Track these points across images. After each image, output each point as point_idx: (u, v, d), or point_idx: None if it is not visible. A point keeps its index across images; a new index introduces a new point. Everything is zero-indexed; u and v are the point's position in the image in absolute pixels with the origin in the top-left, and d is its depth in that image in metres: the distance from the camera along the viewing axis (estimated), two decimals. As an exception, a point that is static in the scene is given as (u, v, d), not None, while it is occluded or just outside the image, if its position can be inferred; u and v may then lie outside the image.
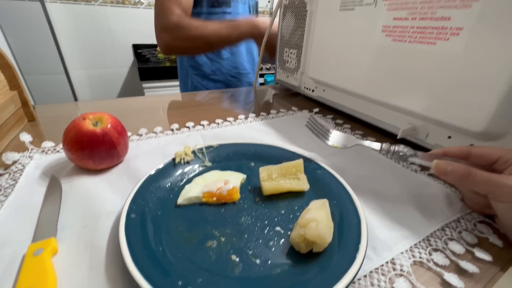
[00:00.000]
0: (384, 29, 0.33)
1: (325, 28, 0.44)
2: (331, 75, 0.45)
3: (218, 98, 0.56)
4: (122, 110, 0.46)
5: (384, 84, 0.36)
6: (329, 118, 0.47)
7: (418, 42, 0.30)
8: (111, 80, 1.78)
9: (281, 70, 0.61)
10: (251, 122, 0.43)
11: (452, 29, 0.26)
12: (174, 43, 0.61)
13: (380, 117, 0.39)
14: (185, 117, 0.44)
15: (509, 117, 0.25)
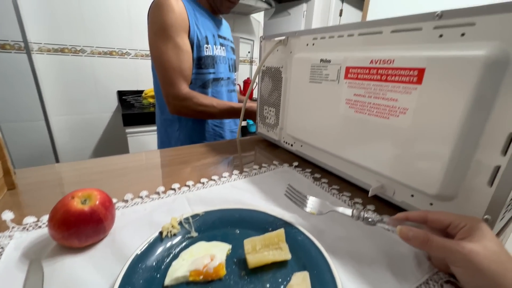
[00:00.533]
0: (347, 101, 0.39)
1: (298, 94, 0.50)
2: (306, 134, 0.50)
3: (202, 153, 0.59)
4: (107, 171, 0.47)
5: (351, 147, 0.40)
6: (307, 172, 0.50)
7: (375, 116, 0.35)
8: (93, 125, 1.78)
9: (262, 125, 0.66)
10: (235, 180, 0.45)
11: (400, 108, 0.32)
12: (182, 110, 0.73)
13: (353, 174, 0.43)
14: (170, 178, 0.45)
15: (455, 182, 0.29)
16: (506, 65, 0.24)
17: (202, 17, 0.76)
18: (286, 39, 0.52)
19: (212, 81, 0.79)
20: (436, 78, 0.28)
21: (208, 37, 0.76)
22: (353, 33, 0.38)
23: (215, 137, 0.87)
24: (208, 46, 0.75)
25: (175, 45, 0.69)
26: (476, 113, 0.26)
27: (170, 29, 0.68)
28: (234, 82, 0.92)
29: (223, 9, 0.79)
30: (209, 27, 0.77)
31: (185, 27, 0.70)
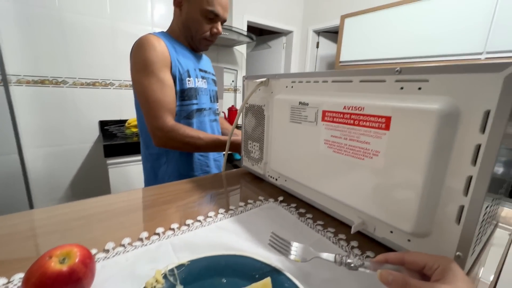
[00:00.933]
0: (325, 142, 0.42)
1: (280, 132, 0.52)
2: (289, 170, 0.52)
3: (186, 190, 0.58)
4: (87, 216, 0.45)
5: (332, 184, 0.42)
6: (292, 207, 0.51)
7: (352, 156, 0.38)
8: (72, 157, 1.71)
9: (247, 158, 0.67)
10: (221, 220, 0.45)
11: (373, 151, 0.35)
12: (168, 142, 0.73)
13: (336, 210, 0.44)
14: (154, 221, 0.44)
15: (428, 221, 0.31)
16: (457, 117, 0.28)
17: (182, 53, 0.80)
18: (267, 81, 0.55)
19: (195, 111, 0.81)
20: (401, 126, 0.32)
21: (190, 71, 0.79)
22: (327, 79, 0.42)
23: (201, 167, 0.87)
24: (190, 79, 0.79)
25: (158, 80, 0.72)
26: (437, 158, 0.29)
27: (152, 66, 0.71)
28: (216, 112, 0.95)
29: (202, 47, 0.84)
30: (189, 62, 0.81)
31: (167, 63, 0.74)
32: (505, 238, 0.46)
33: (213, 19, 0.77)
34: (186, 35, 0.81)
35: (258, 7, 2.43)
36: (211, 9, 0.74)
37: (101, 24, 1.65)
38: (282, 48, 2.86)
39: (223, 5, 0.77)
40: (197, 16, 0.76)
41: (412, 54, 1.65)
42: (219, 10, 0.76)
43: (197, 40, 0.81)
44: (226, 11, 0.79)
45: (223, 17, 0.78)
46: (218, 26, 0.79)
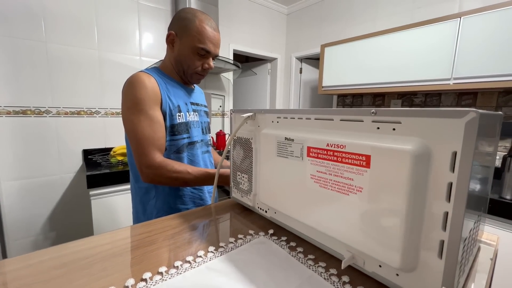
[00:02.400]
0: (311, 177, 0.43)
1: (268, 165, 0.54)
2: (278, 203, 0.52)
3: (174, 226, 0.57)
4: (67, 263, 0.42)
5: (320, 218, 0.43)
6: (283, 240, 0.51)
7: (337, 191, 0.39)
8: (51, 188, 1.63)
9: (236, 190, 0.67)
10: (211, 259, 0.44)
11: (356, 187, 0.36)
12: (156, 178, 0.74)
13: (326, 243, 0.45)
14: (140, 265, 0.42)
15: (413, 255, 0.32)
16: (429, 157, 0.30)
17: (173, 89, 0.82)
18: (253, 115, 0.58)
19: (187, 145, 0.82)
20: (380, 164, 0.34)
21: (181, 106, 0.81)
22: (310, 117, 0.45)
23: (194, 200, 0.85)
24: (181, 114, 0.81)
25: (148, 117, 0.73)
26: (415, 195, 0.31)
27: (142, 103, 0.72)
28: (208, 143, 0.96)
29: (194, 81, 0.87)
30: (180, 97, 0.83)
31: (157, 100, 0.75)
32: (487, 264, 0.48)
33: (205, 55, 0.80)
34: (178, 70, 0.83)
35: (243, 37, 2.56)
36: (203, 47, 0.77)
37: (88, 55, 1.67)
38: (268, 74, 2.99)
39: (214, 42, 0.80)
40: (189, 53, 0.79)
41: (387, 80, 1.77)
42: (210, 47, 0.79)
43: (189, 75, 0.83)
44: (217, 47, 0.81)
45: (214, 53, 0.81)
46: (210, 62, 0.82)
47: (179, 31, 0.79)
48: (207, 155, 0.93)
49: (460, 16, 1.41)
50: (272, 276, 0.40)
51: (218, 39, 0.81)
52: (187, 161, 0.82)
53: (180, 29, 0.79)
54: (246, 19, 2.56)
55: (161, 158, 0.74)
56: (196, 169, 0.76)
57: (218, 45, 0.82)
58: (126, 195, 1.51)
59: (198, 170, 0.76)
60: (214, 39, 0.79)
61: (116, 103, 1.82)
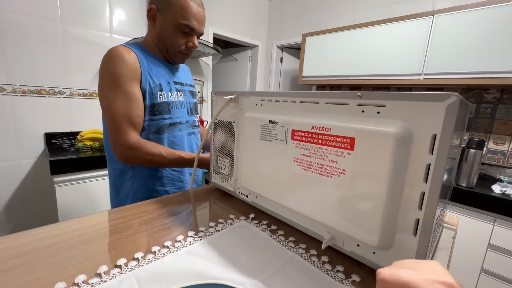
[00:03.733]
0: (295, 160, 0.43)
1: (251, 149, 0.53)
2: (260, 187, 0.52)
3: (151, 212, 0.54)
4: (30, 251, 0.38)
5: (302, 201, 0.43)
6: (264, 224, 0.51)
7: (320, 174, 0.39)
8: (8, 176, 1.47)
9: (216, 175, 0.65)
10: (191, 244, 0.43)
11: (340, 169, 0.37)
12: (129, 159, 0.71)
13: (306, 225, 0.45)
14: (113, 251, 0.40)
15: (390, 234, 0.34)
16: (410, 140, 0.31)
17: (155, 66, 0.77)
18: (236, 98, 0.56)
19: (168, 126, 0.78)
20: (364, 146, 0.34)
21: (162, 85, 0.77)
22: (295, 100, 0.44)
23: (174, 182, 0.82)
24: (162, 93, 0.76)
25: (125, 94, 0.68)
26: (396, 176, 0.32)
27: (120, 79, 0.68)
28: (195, 124, 0.90)
29: (177, 60, 0.81)
30: (163, 75, 0.78)
31: (136, 76, 0.70)
32: (449, 241, 0.52)
33: (188, 32, 0.75)
34: (161, 48, 0.78)
35: (224, 21, 2.47)
36: (186, 23, 0.72)
37: (50, 27, 1.50)
38: (248, 61, 2.93)
39: (199, 18, 0.75)
40: (172, 30, 0.74)
41: (364, 73, 1.83)
42: (194, 24, 0.74)
43: (172, 54, 0.78)
44: (202, 24, 0.77)
45: (199, 31, 0.77)
46: (194, 40, 0.77)
47: (160, 6, 0.73)
48: (193, 137, 0.89)
49: (434, 14, 1.48)
50: (254, 259, 0.40)
51: (203, 16, 0.76)
52: (167, 142, 0.78)
53: (162, 3, 0.73)
54: (228, 3, 2.46)
55: (135, 138, 0.70)
56: (171, 152, 0.73)
57: (203, 22, 0.77)
58: (96, 182, 1.42)
59: (173, 154, 0.73)
60: (198, 16, 0.74)
61: (83, 83, 1.66)
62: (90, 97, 1.71)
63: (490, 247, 1.23)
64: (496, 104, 1.59)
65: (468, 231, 1.27)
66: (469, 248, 1.28)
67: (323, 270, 0.38)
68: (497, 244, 1.21)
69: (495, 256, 1.22)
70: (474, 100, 1.66)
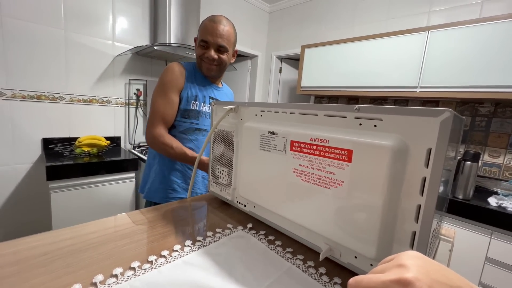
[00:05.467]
0: (294, 170, 0.43)
1: (250, 158, 0.53)
2: (258, 197, 0.52)
3: (149, 220, 0.54)
4: (22, 260, 0.38)
5: (300, 211, 0.44)
6: (262, 234, 0.51)
7: (318, 185, 0.40)
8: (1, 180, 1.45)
9: (214, 184, 0.65)
10: (188, 253, 0.42)
11: (337, 181, 0.37)
12: (150, 144, 0.92)
13: (304, 236, 0.45)
14: (109, 260, 0.39)
15: (387, 246, 0.34)
16: (406, 153, 0.32)
17: (200, 82, 0.96)
18: (236, 108, 0.56)
19: (194, 130, 0.95)
20: (361, 158, 0.35)
21: (198, 96, 0.94)
22: (294, 111, 0.45)
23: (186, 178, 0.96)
24: (196, 102, 0.93)
25: (165, 97, 0.89)
26: (392, 188, 0.33)
27: (164, 86, 0.89)
28: None
29: (205, 71, 0.95)
30: (202, 90, 0.96)
31: (178, 86, 0.91)
32: (446, 254, 0.52)
33: (204, 45, 0.91)
34: (197, 64, 0.97)
35: (225, 31, 2.51)
36: (201, 38, 0.90)
37: (53, 34, 1.52)
38: (248, 71, 2.97)
39: (213, 32, 0.89)
40: (197, 46, 0.94)
41: (361, 84, 1.86)
42: (208, 38, 0.89)
43: (200, 65, 0.95)
44: (216, 36, 0.89)
45: (214, 43, 0.89)
46: (209, 52, 0.91)
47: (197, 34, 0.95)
48: None
49: (429, 30, 1.53)
50: (251, 270, 0.39)
51: (220, 30, 0.89)
52: (190, 143, 0.94)
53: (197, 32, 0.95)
54: (228, 14, 2.51)
55: (161, 130, 0.89)
56: (180, 147, 0.88)
57: (219, 35, 0.89)
58: (93, 189, 1.41)
59: (180, 148, 0.88)
60: (213, 31, 0.88)
61: (84, 89, 1.67)
62: (90, 103, 1.71)
63: (488, 261, 1.22)
64: (490, 117, 1.62)
65: (465, 244, 1.27)
66: (466, 261, 1.27)
67: (320, 282, 0.38)
68: (494, 257, 1.21)
69: (493, 270, 1.21)
70: (469, 113, 1.69)
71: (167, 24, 1.82)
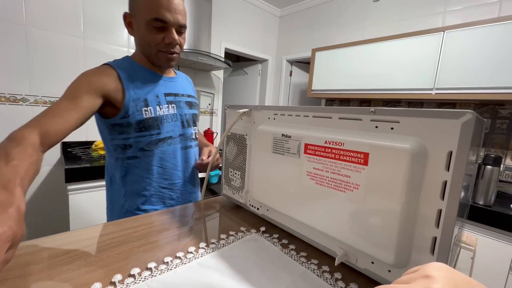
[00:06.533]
0: (308, 173, 0.43)
1: (263, 162, 0.53)
2: (271, 200, 0.52)
3: (162, 223, 0.55)
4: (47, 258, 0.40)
5: (315, 215, 0.43)
6: (275, 238, 0.51)
7: (333, 189, 0.39)
8: (24, 182, 1.52)
9: (227, 187, 0.66)
10: (203, 255, 0.43)
11: (353, 184, 0.37)
12: None
13: (318, 240, 0.45)
14: (127, 260, 0.40)
15: (406, 251, 0.33)
16: (426, 156, 0.31)
17: (142, 80, 0.73)
18: (249, 111, 0.57)
19: (157, 142, 0.74)
20: (378, 162, 0.34)
21: (148, 99, 0.72)
22: (308, 114, 0.45)
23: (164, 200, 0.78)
24: (148, 108, 0.71)
25: (72, 100, 0.62)
26: (411, 192, 0.32)
27: (76, 87, 0.64)
28: (192, 137, 0.85)
29: (163, 63, 0.74)
30: (150, 88, 0.74)
31: (100, 87, 0.66)
32: (468, 262, 0.50)
33: (162, 27, 0.68)
34: (146, 54, 0.74)
35: (236, 36, 2.55)
36: (155, 17, 0.65)
37: (72, 42, 1.59)
38: (258, 75, 2.99)
39: (170, 7, 0.66)
40: (145, 30, 0.68)
41: (373, 87, 1.83)
42: (165, 16, 0.66)
43: (155, 56, 0.72)
44: (177, 13, 0.68)
45: (175, 22, 0.68)
46: (172, 34, 0.69)
47: (131, 10, 0.69)
48: (191, 151, 0.85)
49: (444, 30, 1.49)
50: (265, 273, 0.39)
51: (178, 3, 0.67)
52: (157, 159, 0.75)
53: (131, 6, 0.69)
54: (239, 19, 2.55)
55: (22, 133, 0.52)
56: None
57: (179, 11, 0.68)
58: (107, 191, 1.45)
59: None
60: (169, 5, 0.66)
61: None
62: (106, 108, 1.78)
63: (512, 270, 1.16)
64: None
65: (487, 252, 1.21)
66: (489, 271, 1.21)
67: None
68: (519, 267, 1.14)
69: (518, 280, 1.15)
70: (488, 115, 1.63)
71: (180, 31, 1.86)
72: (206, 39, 2.06)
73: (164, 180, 0.78)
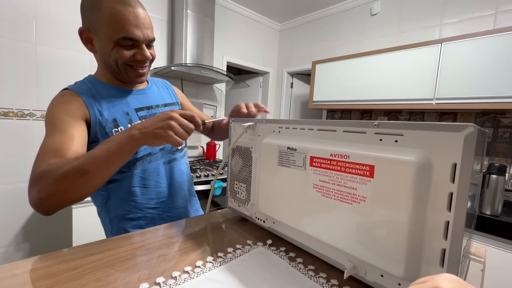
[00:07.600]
0: (314, 186, 0.44)
1: (268, 174, 0.54)
2: (278, 212, 0.52)
3: (169, 236, 0.55)
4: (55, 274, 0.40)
5: (322, 227, 0.43)
6: (282, 251, 0.51)
7: (340, 201, 0.40)
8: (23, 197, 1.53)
9: (233, 199, 0.66)
10: (211, 269, 0.43)
11: (360, 196, 0.37)
12: (41, 194, 0.48)
13: (326, 253, 0.45)
14: (136, 274, 0.40)
15: (416, 264, 0.33)
16: (430, 168, 0.32)
17: (111, 98, 0.67)
18: (254, 125, 0.58)
19: (134, 162, 0.68)
20: (384, 174, 0.35)
21: (118, 119, 0.66)
22: (313, 128, 0.46)
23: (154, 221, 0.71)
24: (119, 128, 0.65)
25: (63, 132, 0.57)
26: (418, 204, 0.32)
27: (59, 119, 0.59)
28: (174, 149, 0.77)
29: (132, 77, 0.67)
30: (119, 107, 0.67)
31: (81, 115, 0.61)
32: (478, 275, 0.50)
33: (133, 44, 0.63)
34: (111, 71, 0.67)
35: (237, 50, 2.62)
36: (123, 36, 0.60)
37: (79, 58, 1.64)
38: (260, 87, 3.04)
39: (139, 24, 0.61)
40: (111, 49, 0.62)
41: (374, 97, 1.85)
42: (135, 33, 0.60)
43: (123, 72, 0.66)
44: (145, 27, 0.62)
45: (145, 38, 0.63)
46: (143, 51, 0.64)
47: (89, 24, 0.62)
48: (176, 164, 0.78)
49: (441, 42, 1.53)
50: (275, 287, 0.39)
51: (145, 17, 0.62)
52: (138, 179, 0.69)
53: (89, 21, 0.62)
54: (241, 33, 2.63)
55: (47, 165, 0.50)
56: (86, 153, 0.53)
57: (147, 25, 0.63)
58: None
59: (89, 152, 0.52)
60: (137, 21, 0.60)
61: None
62: (111, 122, 1.80)
63: (524, 283, 1.13)
64: (514, 128, 1.55)
65: (497, 264, 1.18)
66: (499, 283, 1.18)
67: (346, 302, 0.37)
68: (531, 279, 1.11)
69: (531, 293, 1.11)
70: (490, 125, 1.63)
71: (183, 45, 1.92)
72: (209, 53, 2.11)
73: (150, 200, 0.71)
